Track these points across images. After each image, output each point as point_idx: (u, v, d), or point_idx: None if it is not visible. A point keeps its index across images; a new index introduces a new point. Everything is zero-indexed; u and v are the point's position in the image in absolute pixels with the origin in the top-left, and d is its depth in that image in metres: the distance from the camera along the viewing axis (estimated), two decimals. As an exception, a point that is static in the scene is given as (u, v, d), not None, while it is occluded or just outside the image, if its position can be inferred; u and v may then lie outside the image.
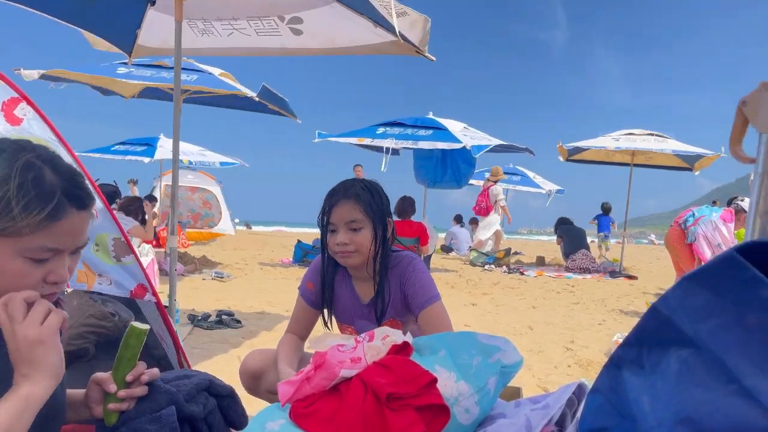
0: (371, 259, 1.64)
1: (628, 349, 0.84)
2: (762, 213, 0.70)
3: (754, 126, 0.71)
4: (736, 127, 0.74)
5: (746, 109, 0.72)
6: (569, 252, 9.32)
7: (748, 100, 0.71)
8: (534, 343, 3.88)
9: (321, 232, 1.66)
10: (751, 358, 0.63)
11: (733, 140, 0.76)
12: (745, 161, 0.76)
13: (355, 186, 1.64)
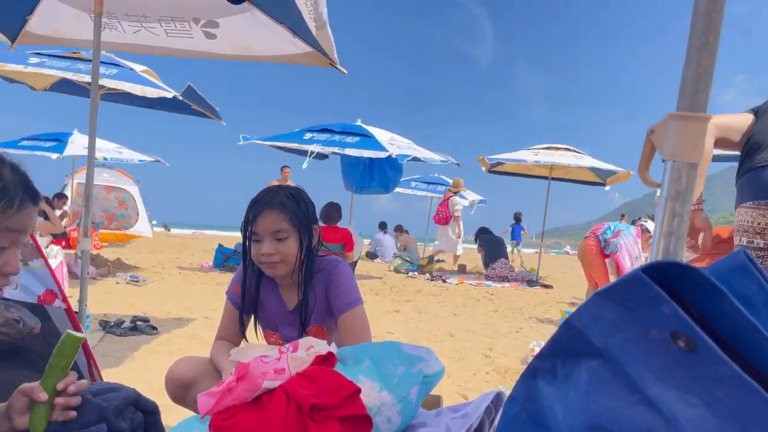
0: (297, 267, 1.63)
1: (543, 360, 0.88)
2: (665, 234, 0.75)
3: (660, 153, 0.76)
4: (644, 154, 0.80)
5: (654, 138, 0.77)
6: (489, 261, 9.60)
7: (655, 129, 0.77)
8: (454, 350, 3.97)
9: (244, 241, 1.63)
10: (654, 369, 0.68)
11: (641, 166, 0.81)
12: (652, 185, 0.82)
13: (280, 195, 1.61)
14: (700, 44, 0.72)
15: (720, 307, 0.65)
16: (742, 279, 0.70)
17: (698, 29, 0.72)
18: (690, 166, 0.74)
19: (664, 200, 0.75)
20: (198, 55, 3.34)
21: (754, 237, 1.89)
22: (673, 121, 0.74)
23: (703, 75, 0.72)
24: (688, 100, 0.73)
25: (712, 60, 0.72)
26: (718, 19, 0.71)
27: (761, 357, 0.64)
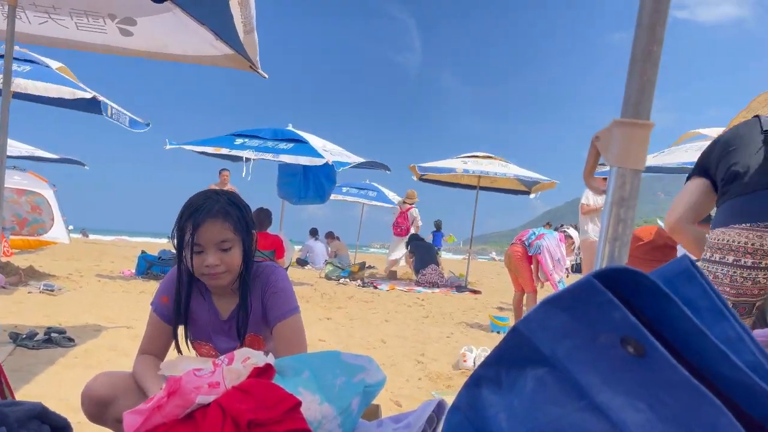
0: (238, 275, 1.56)
1: (487, 368, 0.87)
2: (610, 239, 0.75)
3: (605, 160, 0.77)
4: (589, 160, 0.80)
5: (599, 144, 0.78)
6: (420, 267, 9.69)
7: (600, 136, 0.78)
8: (386, 356, 3.95)
9: (179, 251, 1.53)
10: (602, 375, 0.68)
11: (586, 172, 0.82)
12: (598, 192, 0.83)
13: (221, 201, 1.53)
14: (644, 54, 0.73)
15: (668, 312, 0.65)
16: (687, 284, 0.72)
17: (642, 40, 0.73)
18: (634, 172, 0.75)
19: (609, 206, 0.76)
20: (111, 51, 3.18)
21: (743, 256, 2.01)
22: (617, 128, 0.75)
23: (647, 84, 0.73)
24: (632, 107, 0.74)
25: (655, 69, 0.73)
26: (662, 31, 0.73)
27: (708, 361, 0.65)
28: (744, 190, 2.03)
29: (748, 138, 2.12)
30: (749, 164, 2.05)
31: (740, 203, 2.03)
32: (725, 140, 2.20)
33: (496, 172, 9.20)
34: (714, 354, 0.63)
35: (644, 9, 0.72)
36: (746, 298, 2.06)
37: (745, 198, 2.02)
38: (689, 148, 6.60)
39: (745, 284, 2.02)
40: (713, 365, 0.65)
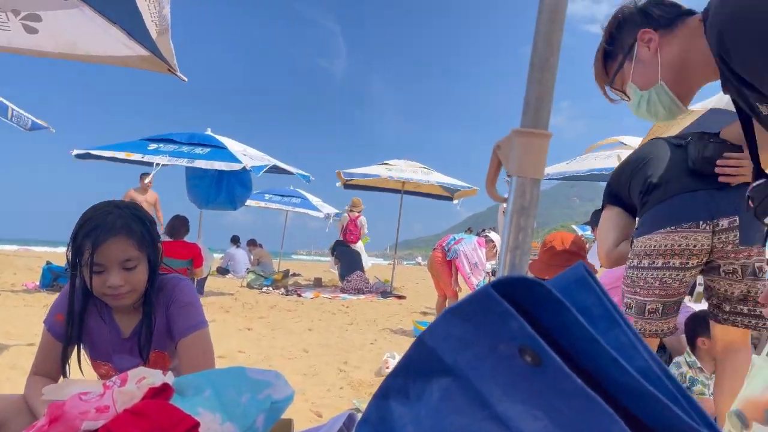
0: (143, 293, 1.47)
1: (395, 379, 0.85)
2: (511, 248, 0.75)
3: (506, 169, 0.77)
4: (491, 169, 0.80)
5: (500, 153, 0.78)
6: (345, 273, 9.66)
7: (501, 145, 0.78)
8: (308, 366, 3.89)
9: (72, 266, 1.43)
10: (501, 385, 0.67)
11: (488, 181, 0.82)
12: (498, 200, 0.83)
13: (123, 216, 1.42)
14: (541, 64, 0.74)
15: (564, 321, 0.66)
16: (582, 291, 0.72)
17: (540, 50, 0.74)
18: (533, 181, 0.75)
19: (509, 215, 0.76)
20: (17, 51, 2.97)
21: (671, 258, 2.11)
22: (517, 137, 0.75)
23: (545, 93, 0.74)
24: (531, 117, 0.75)
25: (553, 79, 0.74)
26: (558, 41, 0.74)
27: (602, 368, 0.66)
28: (663, 196, 2.15)
29: (656, 152, 2.26)
30: (663, 174, 2.18)
31: (662, 209, 2.14)
32: (635, 160, 2.35)
33: (418, 179, 9.33)
34: (607, 361, 0.64)
35: (541, 19, 0.73)
36: (676, 298, 2.17)
37: (665, 204, 2.14)
38: (598, 155, 6.93)
39: (674, 285, 2.13)
40: (607, 372, 0.65)
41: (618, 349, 0.70)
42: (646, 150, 2.35)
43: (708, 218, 2.07)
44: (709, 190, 2.11)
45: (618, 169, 2.45)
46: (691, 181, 2.14)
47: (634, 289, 2.21)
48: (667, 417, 0.65)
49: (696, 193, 2.11)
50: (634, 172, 2.31)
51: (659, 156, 2.26)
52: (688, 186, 2.13)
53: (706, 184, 2.11)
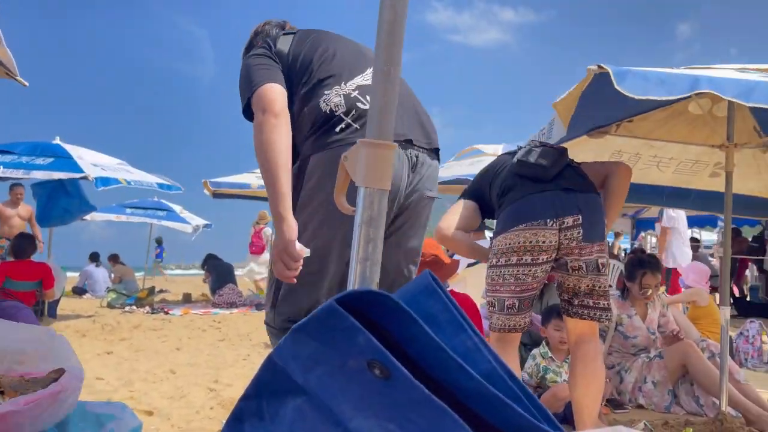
0: None
1: (248, 402, 0.81)
2: (361, 260, 0.75)
3: (354, 180, 0.76)
4: (339, 180, 0.79)
5: (347, 164, 0.77)
6: (216, 287, 9.29)
7: (349, 156, 0.77)
8: (176, 388, 3.68)
9: None
10: (352, 400, 0.66)
11: (337, 191, 0.81)
12: (348, 211, 0.82)
13: None
14: (383, 75, 0.74)
15: (411, 331, 0.66)
16: (429, 299, 0.74)
17: (381, 61, 0.74)
18: (381, 192, 0.75)
19: (358, 226, 0.75)
20: None
21: (523, 255, 2.26)
22: (363, 149, 0.75)
23: (388, 104, 0.74)
24: (376, 128, 0.75)
25: (394, 90, 0.74)
26: (398, 54, 0.74)
27: (449, 375, 0.68)
28: (516, 196, 2.34)
29: (509, 161, 2.52)
30: (515, 179, 2.40)
31: (515, 208, 2.32)
32: (492, 165, 2.64)
33: (291, 187, 9.22)
34: (454, 368, 0.66)
35: (380, 32, 0.73)
36: (529, 293, 2.32)
37: (518, 203, 2.32)
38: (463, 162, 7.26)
39: (527, 281, 2.29)
40: (454, 378, 0.67)
41: (464, 354, 0.72)
42: (501, 160, 2.63)
43: (554, 216, 2.26)
44: (555, 191, 2.31)
45: (481, 173, 2.69)
46: (540, 183, 2.34)
47: (494, 287, 2.34)
48: (511, 416, 0.67)
49: (544, 193, 2.32)
50: (494, 177, 2.54)
51: (510, 164, 2.50)
52: (537, 187, 2.34)
53: (553, 186, 2.32)
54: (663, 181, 3.82)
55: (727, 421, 2.87)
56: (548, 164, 2.34)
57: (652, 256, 3.55)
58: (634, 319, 3.51)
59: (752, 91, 1.94)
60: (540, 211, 2.29)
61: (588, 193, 2.36)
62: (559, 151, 2.44)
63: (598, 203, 2.39)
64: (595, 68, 2.05)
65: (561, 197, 2.31)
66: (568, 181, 2.36)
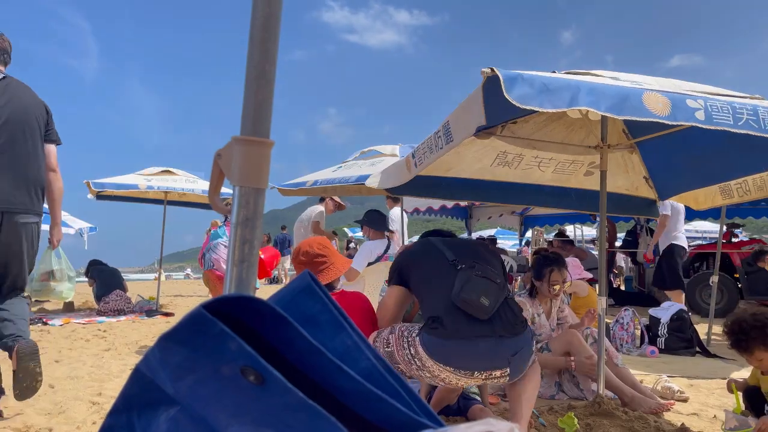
0: None
1: (117, 416, 0.76)
2: (237, 262, 0.72)
3: (228, 179, 0.74)
4: (212, 179, 0.76)
5: (221, 162, 0.74)
6: (102, 294, 8.72)
7: (222, 154, 0.74)
8: (54, 404, 3.42)
9: None
10: (228, 409, 0.64)
11: (211, 191, 0.78)
12: (223, 212, 0.79)
13: None
14: (257, 73, 0.72)
15: (288, 335, 0.65)
16: (309, 300, 0.72)
17: (254, 58, 0.72)
18: (257, 191, 0.73)
19: (234, 227, 0.72)
20: None
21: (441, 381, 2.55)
22: (237, 146, 0.72)
23: (264, 102, 0.72)
24: (250, 125, 0.72)
25: (270, 88, 0.72)
26: (273, 49, 0.72)
27: (328, 376, 0.67)
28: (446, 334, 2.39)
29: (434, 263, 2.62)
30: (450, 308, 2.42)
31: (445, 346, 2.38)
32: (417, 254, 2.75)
33: (183, 188, 8.83)
34: (332, 368, 0.65)
35: (254, 27, 0.71)
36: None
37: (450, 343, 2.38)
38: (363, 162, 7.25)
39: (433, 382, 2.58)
40: (333, 379, 0.66)
41: (344, 353, 0.72)
42: (425, 249, 2.70)
43: (483, 369, 2.38)
44: (489, 341, 2.37)
45: (405, 257, 2.75)
46: (476, 325, 2.37)
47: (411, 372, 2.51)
48: (390, 412, 0.67)
49: (478, 343, 2.36)
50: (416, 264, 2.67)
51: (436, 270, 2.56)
52: (472, 329, 2.37)
53: (489, 330, 2.37)
54: (544, 181, 4.04)
55: (604, 403, 3.08)
56: (489, 305, 2.36)
57: (556, 254, 3.75)
58: (542, 317, 3.69)
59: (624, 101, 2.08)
60: (471, 362, 2.37)
61: (519, 335, 2.44)
62: (500, 285, 2.46)
63: (528, 345, 2.48)
64: (488, 71, 2.10)
65: (494, 349, 2.37)
66: (504, 323, 2.40)
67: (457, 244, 2.70)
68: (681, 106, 2.05)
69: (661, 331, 5.42)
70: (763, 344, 2.55)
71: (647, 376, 4.19)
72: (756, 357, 2.61)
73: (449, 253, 2.56)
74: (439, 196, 4.07)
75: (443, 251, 2.58)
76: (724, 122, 2.06)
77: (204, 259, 5.34)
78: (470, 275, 2.40)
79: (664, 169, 4.05)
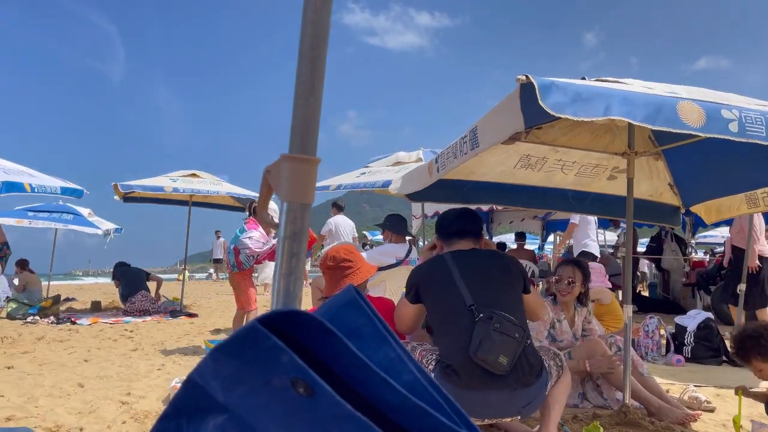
0: None
1: (167, 422, 0.79)
2: (285, 275, 0.74)
3: (277, 194, 0.76)
4: (261, 194, 0.78)
5: (270, 178, 0.76)
6: (127, 294, 8.87)
7: (271, 170, 0.76)
8: (84, 402, 3.49)
9: None
10: (276, 419, 0.66)
11: (260, 206, 0.80)
12: (270, 225, 0.81)
13: None
14: (306, 89, 0.74)
15: (335, 349, 0.66)
16: (353, 313, 0.74)
17: (304, 75, 0.74)
18: (303, 206, 0.75)
19: (282, 241, 0.75)
20: None
21: None
22: (286, 163, 0.74)
23: (311, 118, 0.75)
24: (298, 143, 0.75)
25: (318, 105, 0.74)
26: (322, 67, 0.75)
27: (374, 389, 0.68)
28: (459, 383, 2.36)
29: (446, 296, 2.58)
30: (465, 361, 2.36)
31: (456, 395, 2.31)
32: (429, 274, 2.70)
33: (208, 191, 8.95)
34: (377, 382, 0.66)
35: (303, 44, 0.73)
36: None
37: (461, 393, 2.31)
38: (389, 169, 7.23)
39: None
40: (378, 392, 0.68)
41: (388, 366, 0.73)
42: (442, 275, 2.60)
43: (493, 416, 2.41)
44: (502, 393, 2.35)
45: (421, 277, 2.70)
46: (489, 380, 2.33)
47: None
48: (433, 425, 0.69)
49: (490, 394, 2.35)
50: (431, 290, 2.63)
51: (452, 309, 2.50)
52: (485, 382, 2.34)
53: (500, 384, 2.34)
54: (566, 184, 4.01)
55: (630, 413, 3.05)
56: (507, 363, 2.29)
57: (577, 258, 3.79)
58: (563, 323, 3.67)
59: (659, 111, 2.07)
60: (482, 411, 2.38)
61: (532, 386, 2.41)
62: (518, 340, 2.34)
63: (541, 395, 2.47)
64: (523, 78, 2.09)
65: (506, 401, 2.37)
66: (518, 376, 2.36)
67: (476, 272, 2.57)
68: (715, 116, 2.04)
69: (687, 340, 5.34)
70: (759, 354, 2.63)
71: (673, 385, 4.14)
72: (755, 367, 2.68)
73: (467, 293, 2.46)
74: (460, 200, 4.07)
75: (460, 289, 2.48)
76: (757, 134, 2.04)
77: (229, 260, 5.40)
78: (488, 330, 2.31)
79: (690, 176, 4.00)
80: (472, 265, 2.59)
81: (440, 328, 2.55)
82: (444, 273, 2.57)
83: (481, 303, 2.42)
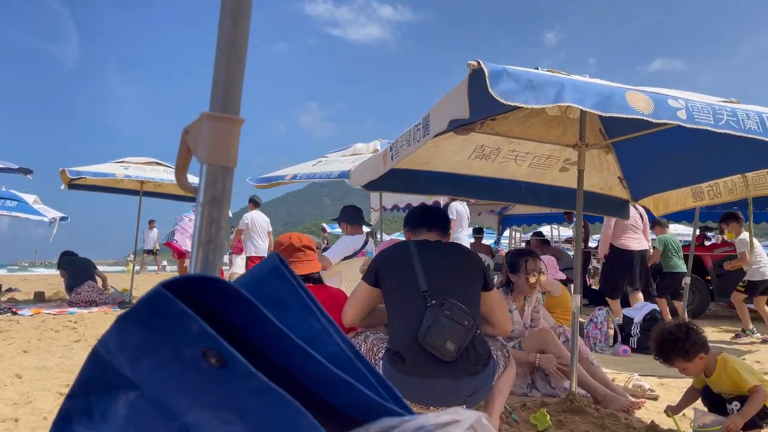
0: None
1: (75, 400, 0.73)
2: (204, 243, 0.70)
3: (196, 156, 0.71)
4: (179, 156, 0.73)
5: (188, 139, 0.72)
6: (73, 285, 8.56)
7: (190, 130, 0.71)
8: (21, 394, 3.35)
9: None
10: (189, 392, 0.62)
11: (178, 169, 0.75)
12: (189, 191, 0.76)
13: None
14: (228, 46, 0.70)
15: (253, 318, 0.62)
16: (277, 282, 0.70)
17: (226, 31, 0.70)
18: (225, 170, 0.71)
19: (201, 206, 0.70)
20: None
21: None
22: (206, 122, 0.70)
23: (234, 77, 0.70)
24: (220, 101, 0.70)
25: (241, 62, 0.70)
26: (246, 23, 0.70)
27: (294, 360, 0.65)
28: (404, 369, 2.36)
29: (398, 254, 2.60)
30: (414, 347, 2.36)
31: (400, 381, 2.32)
32: (391, 259, 2.64)
33: (161, 179, 8.70)
34: (298, 352, 0.63)
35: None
36: None
37: (404, 379, 2.34)
38: (345, 159, 7.18)
39: None
40: (299, 363, 0.64)
41: (312, 337, 0.70)
42: (403, 261, 2.56)
43: (438, 404, 2.35)
44: (447, 380, 2.34)
45: (384, 261, 2.65)
46: (435, 367, 2.32)
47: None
48: (357, 397, 0.65)
49: (436, 381, 2.34)
50: (391, 274, 2.57)
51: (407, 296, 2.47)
52: (429, 369, 2.33)
53: (446, 371, 2.33)
54: (519, 176, 4.05)
55: (577, 400, 3.11)
56: (454, 349, 2.28)
57: (529, 248, 3.80)
58: (514, 313, 3.69)
59: (609, 99, 2.08)
60: (426, 399, 2.36)
61: (478, 375, 2.40)
62: (467, 327, 2.33)
63: (487, 385, 2.47)
64: (474, 64, 2.07)
65: (451, 389, 2.35)
66: (465, 364, 2.35)
67: (436, 261, 2.55)
68: (663, 105, 2.07)
69: (633, 331, 5.49)
70: (680, 356, 2.77)
71: (619, 374, 4.24)
72: (679, 366, 2.82)
73: (423, 279, 2.44)
74: (417, 190, 4.05)
75: (417, 275, 2.47)
76: (705, 122, 2.08)
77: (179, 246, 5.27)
78: (438, 316, 2.30)
79: (639, 170, 4.09)
80: (433, 255, 2.57)
81: (393, 313, 2.52)
82: (405, 258, 2.55)
83: (435, 290, 2.41)
